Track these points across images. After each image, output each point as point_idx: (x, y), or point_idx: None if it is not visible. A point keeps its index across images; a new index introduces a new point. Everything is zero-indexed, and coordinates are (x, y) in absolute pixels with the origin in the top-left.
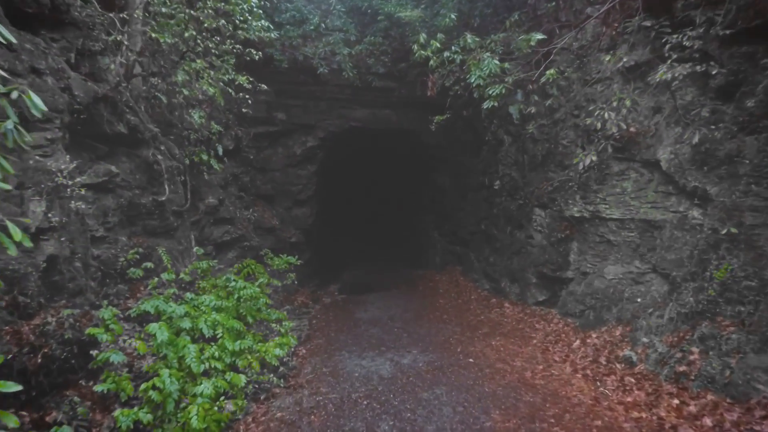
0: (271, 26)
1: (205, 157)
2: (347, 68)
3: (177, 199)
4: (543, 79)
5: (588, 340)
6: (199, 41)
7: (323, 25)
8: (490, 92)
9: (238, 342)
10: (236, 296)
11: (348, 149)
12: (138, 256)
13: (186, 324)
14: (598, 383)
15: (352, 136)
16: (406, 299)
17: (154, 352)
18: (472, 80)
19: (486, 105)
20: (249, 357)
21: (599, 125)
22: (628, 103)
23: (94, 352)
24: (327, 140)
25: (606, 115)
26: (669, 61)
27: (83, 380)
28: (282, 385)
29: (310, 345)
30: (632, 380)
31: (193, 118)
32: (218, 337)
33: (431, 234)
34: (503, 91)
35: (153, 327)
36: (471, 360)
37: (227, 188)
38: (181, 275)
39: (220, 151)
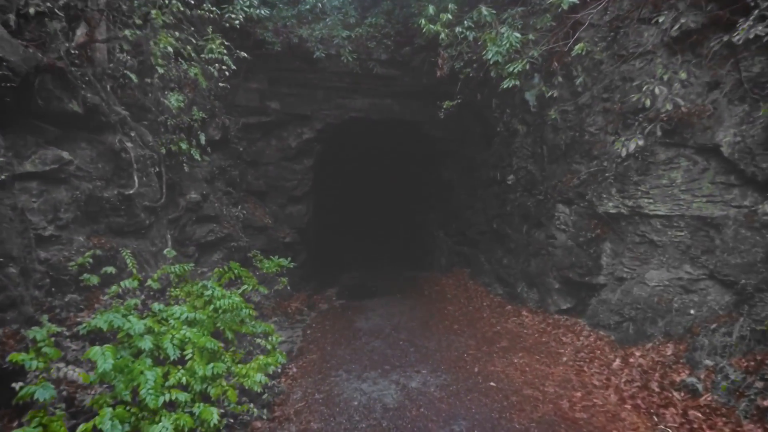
0: None
1: (184, 146)
2: (346, 53)
3: (150, 194)
4: (574, 53)
5: (631, 360)
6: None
7: (320, 5)
8: (510, 69)
9: (211, 365)
10: (212, 307)
11: (347, 142)
12: (92, 260)
13: (146, 344)
14: (656, 418)
15: (352, 127)
16: (411, 305)
17: (99, 381)
18: (490, 56)
19: (505, 84)
20: (224, 384)
21: (648, 102)
22: (683, 75)
23: (18, 385)
24: (324, 132)
25: (656, 90)
26: (757, 11)
27: (4, 420)
28: (265, 416)
29: (302, 361)
30: (699, 415)
31: (169, 101)
32: (187, 358)
33: (436, 233)
34: (526, 66)
35: (95, 352)
36: (492, 383)
37: (213, 183)
38: (149, 282)
39: (203, 140)
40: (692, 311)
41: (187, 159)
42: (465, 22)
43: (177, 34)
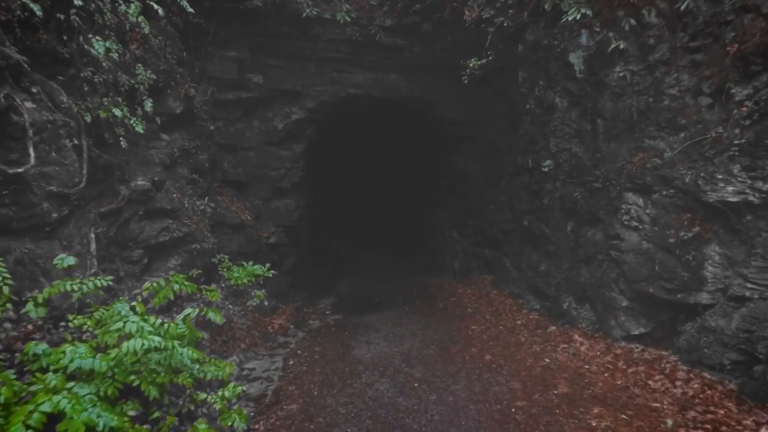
0: None
1: (118, 112)
2: (342, 14)
3: (62, 175)
4: None
5: None
6: None
7: None
8: None
9: None
10: (118, 350)
11: (344, 124)
12: None
13: None
14: None
15: (350, 106)
16: (424, 323)
17: None
18: None
19: (571, 15)
20: None
21: None
22: None
23: None
24: (318, 112)
25: None
26: None
27: None
28: None
29: (275, 416)
30: None
31: (95, 48)
32: None
33: (448, 233)
34: None
35: None
36: None
37: (173, 168)
38: (27, 307)
39: (149, 107)
40: None
41: (126, 132)
42: None
43: None
